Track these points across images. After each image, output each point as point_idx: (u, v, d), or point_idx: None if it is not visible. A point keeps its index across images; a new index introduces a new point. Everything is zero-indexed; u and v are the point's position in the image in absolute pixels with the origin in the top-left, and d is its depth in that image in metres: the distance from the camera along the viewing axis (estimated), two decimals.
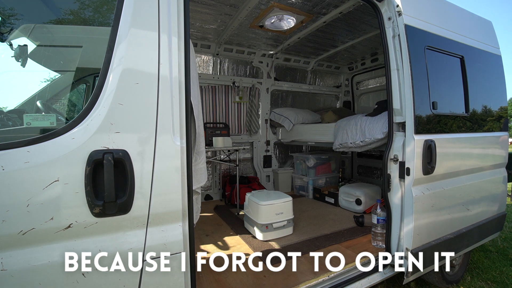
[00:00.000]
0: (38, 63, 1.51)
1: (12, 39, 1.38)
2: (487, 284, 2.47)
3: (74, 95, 1.79)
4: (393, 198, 1.91)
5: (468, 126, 2.26)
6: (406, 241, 1.84)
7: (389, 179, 1.90)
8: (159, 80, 1.07)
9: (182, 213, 1.14)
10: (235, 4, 2.57)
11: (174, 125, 1.10)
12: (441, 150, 1.94)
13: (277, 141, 4.48)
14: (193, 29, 3.12)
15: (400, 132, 1.91)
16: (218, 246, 2.34)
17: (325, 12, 2.77)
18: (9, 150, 0.87)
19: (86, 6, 1.31)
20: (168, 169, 1.09)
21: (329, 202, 3.57)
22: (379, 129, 2.63)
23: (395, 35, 1.87)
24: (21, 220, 0.87)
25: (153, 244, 1.06)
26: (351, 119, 3.09)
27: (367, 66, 4.49)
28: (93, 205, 0.95)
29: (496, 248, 3.19)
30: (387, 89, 1.91)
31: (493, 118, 2.50)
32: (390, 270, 1.95)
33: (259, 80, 4.17)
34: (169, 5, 1.11)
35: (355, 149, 2.98)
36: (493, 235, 2.54)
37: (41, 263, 0.90)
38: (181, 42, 1.15)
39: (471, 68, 2.30)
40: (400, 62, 1.86)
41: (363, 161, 4.45)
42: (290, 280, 1.75)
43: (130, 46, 1.02)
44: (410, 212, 1.82)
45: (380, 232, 2.19)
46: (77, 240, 0.95)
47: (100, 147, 0.96)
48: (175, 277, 1.11)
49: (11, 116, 1.35)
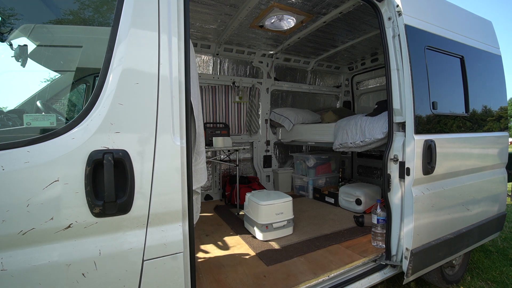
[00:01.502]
0: (38, 63, 1.51)
1: (12, 39, 1.38)
2: (487, 284, 2.47)
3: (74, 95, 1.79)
4: (393, 198, 1.91)
5: (468, 126, 2.26)
6: (406, 241, 1.85)
7: (389, 179, 1.91)
8: (159, 80, 1.07)
9: (182, 213, 1.14)
10: (235, 4, 2.57)
11: (174, 125, 1.10)
12: (441, 150, 1.94)
13: (277, 141, 4.48)
14: (193, 29, 3.12)
15: (400, 132, 1.91)
16: (218, 246, 2.34)
17: (325, 12, 2.77)
18: (9, 150, 0.87)
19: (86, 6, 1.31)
20: (168, 169, 1.09)
21: (329, 202, 3.58)
22: (379, 129, 2.63)
23: (395, 35, 1.87)
24: (21, 220, 0.87)
25: (153, 244, 1.06)
26: (351, 119, 3.09)
27: (367, 66, 4.49)
28: (93, 205, 0.95)
29: (496, 248, 3.19)
30: (387, 89, 1.92)
31: (493, 118, 2.50)
32: (390, 270, 1.95)
33: (259, 80, 4.18)
34: (169, 5, 1.11)
35: (355, 149, 2.98)
36: (493, 235, 2.55)
37: (41, 263, 0.90)
38: (181, 42, 1.15)
39: (471, 68, 2.30)
40: (400, 62, 1.86)
41: (363, 161, 4.45)
42: (290, 280, 1.75)
43: (130, 46, 1.02)
44: (410, 212, 1.82)
45: (380, 232, 2.19)
46: (77, 240, 0.95)
47: (100, 147, 0.96)
48: (175, 277, 1.11)
49: (11, 116, 1.35)
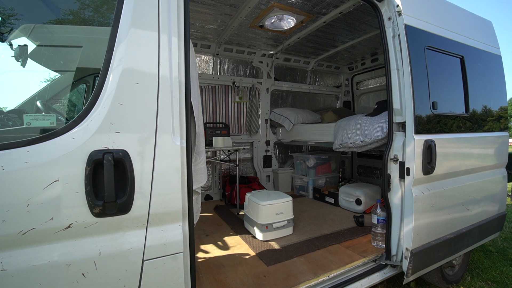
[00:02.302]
0: (38, 63, 1.51)
1: (12, 39, 1.38)
2: (487, 284, 2.47)
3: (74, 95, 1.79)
4: (393, 198, 1.91)
5: (468, 126, 2.26)
6: (406, 241, 1.85)
7: (389, 179, 1.91)
8: (159, 80, 1.07)
9: (182, 213, 1.14)
10: (235, 4, 2.57)
11: (174, 125, 1.10)
12: (441, 150, 1.94)
13: (277, 141, 4.48)
14: (193, 29, 3.12)
15: (400, 132, 1.91)
16: (218, 246, 2.34)
17: (325, 12, 2.77)
18: (9, 150, 0.87)
19: (86, 6, 1.31)
20: (168, 169, 1.09)
21: (329, 202, 3.58)
22: (379, 129, 2.63)
23: (395, 35, 1.87)
24: (21, 220, 0.87)
25: (153, 244, 1.06)
26: (351, 119, 3.09)
27: (367, 66, 4.49)
28: (93, 205, 0.95)
29: (496, 248, 3.19)
30: (387, 89, 1.91)
31: (493, 118, 2.50)
32: (390, 270, 1.95)
33: (259, 80, 4.17)
34: (169, 5, 1.11)
35: (355, 149, 2.98)
36: (493, 235, 2.55)
37: (41, 263, 0.90)
38: (181, 42, 1.15)
39: (471, 68, 2.30)
40: (400, 62, 1.86)
41: (363, 161, 4.45)
42: (290, 280, 1.75)
43: (130, 46, 1.02)
44: (410, 212, 1.82)
45: (380, 232, 2.19)
46: (77, 240, 0.95)
47: (100, 147, 0.96)
48: (175, 277, 1.11)
49: (11, 116, 1.35)
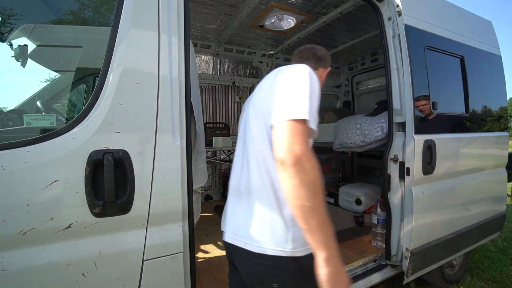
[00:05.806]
0: (38, 63, 1.51)
1: (12, 39, 1.38)
2: (487, 284, 2.47)
3: (74, 95, 1.79)
4: (393, 198, 1.91)
5: (468, 126, 2.26)
6: (406, 241, 1.84)
7: (389, 179, 1.90)
8: (159, 80, 1.07)
9: (182, 213, 1.13)
10: (235, 4, 2.57)
11: (174, 125, 1.10)
12: (441, 150, 1.94)
13: None
14: (193, 29, 3.12)
15: (400, 132, 1.91)
16: (218, 246, 2.33)
17: (325, 12, 2.77)
18: (9, 150, 0.87)
19: (86, 6, 1.31)
20: (168, 169, 1.09)
21: (329, 202, 3.57)
22: (379, 129, 2.63)
23: (395, 35, 1.87)
24: (21, 220, 0.87)
25: (153, 244, 1.06)
26: (351, 119, 3.09)
27: (367, 66, 4.49)
28: (93, 205, 0.95)
29: (496, 248, 3.19)
30: (387, 89, 1.91)
31: (493, 118, 2.50)
32: (390, 270, 1.95)
33: (259, 80, 4.15)
34: (169, 5, 1.11)
35: (355, 149, 2.98)
36: (493, 235, 2.54)
37: (41, 263, 0.90)
38: (181, 42, 1.14)
39: (471, 68, 2.30)
40: (400, 62, 1.86)
41: (363, 161, 4.45)
42: None
43: (130, 46, 1.02)
44: (410, 212, 1.82)
45: (380, 232, 2.19)
46: (77, 240, 0.95)
47: (100, 147, 0.96)
48: (175, 277, 1.10)
49: (11, 116, 1.35)
